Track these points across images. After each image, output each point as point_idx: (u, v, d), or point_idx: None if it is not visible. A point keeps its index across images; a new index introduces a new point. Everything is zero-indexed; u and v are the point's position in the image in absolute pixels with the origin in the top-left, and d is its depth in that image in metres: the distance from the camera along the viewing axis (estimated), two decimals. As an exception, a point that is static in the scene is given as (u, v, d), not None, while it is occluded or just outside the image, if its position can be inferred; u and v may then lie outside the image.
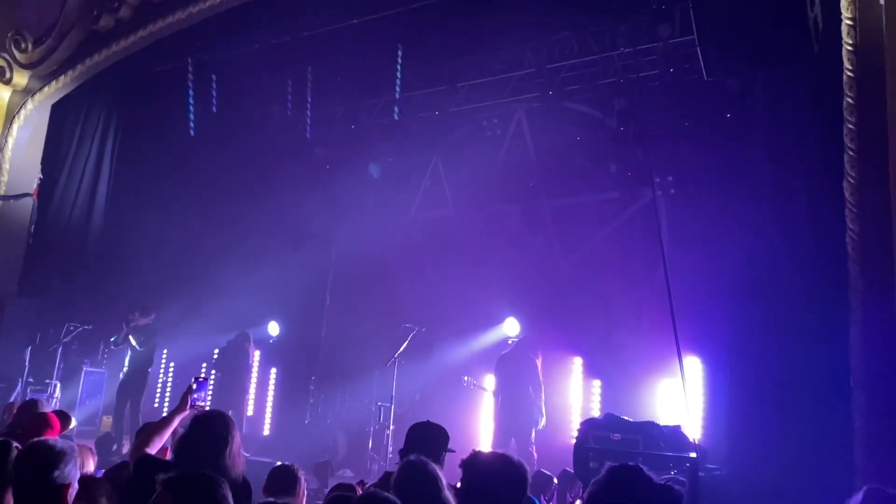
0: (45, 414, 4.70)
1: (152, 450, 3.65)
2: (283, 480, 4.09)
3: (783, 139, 7.16)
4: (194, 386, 3.96)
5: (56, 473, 2.61)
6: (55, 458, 2.64)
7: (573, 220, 10.59)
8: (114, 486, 3.43)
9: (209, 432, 3.34)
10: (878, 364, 5.44)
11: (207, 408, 4.04)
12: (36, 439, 2.90)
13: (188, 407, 3.87)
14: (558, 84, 10.06)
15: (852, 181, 5.93)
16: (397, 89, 10.02)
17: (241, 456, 3.38)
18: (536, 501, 3.94)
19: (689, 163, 9.24)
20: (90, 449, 4.12)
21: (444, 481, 3.00)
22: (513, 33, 9.33)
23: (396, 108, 10.47)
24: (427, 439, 3.90)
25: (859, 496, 2.74)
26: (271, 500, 2.02)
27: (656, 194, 9.24)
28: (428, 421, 4.14)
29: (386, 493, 2.69)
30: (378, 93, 11.32)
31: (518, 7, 8.61)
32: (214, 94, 11.13)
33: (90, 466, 3.92)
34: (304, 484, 4.21)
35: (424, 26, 9.15)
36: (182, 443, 3.41)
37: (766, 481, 5.87)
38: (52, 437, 2.81)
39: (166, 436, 3.75)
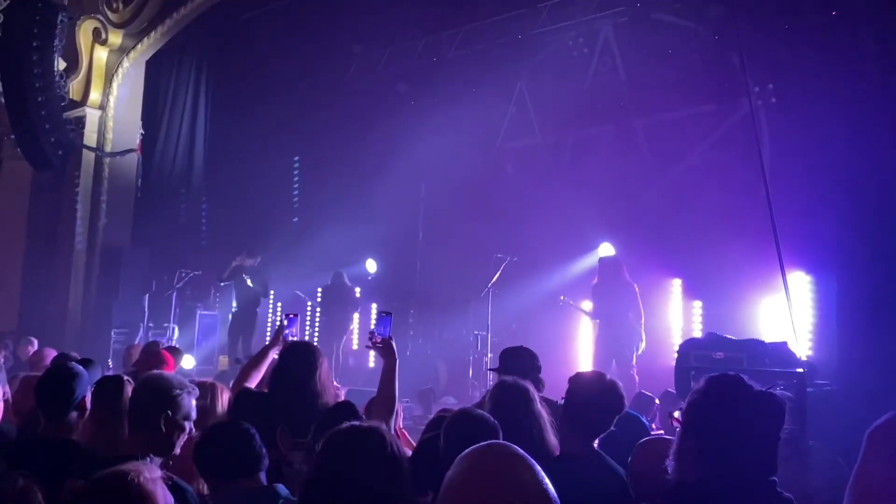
0: (158, 352, 4.99)
1: (251, 383, 3.84)
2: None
3: (893, 36, 6.61)
4: (285, 322, 4.13)
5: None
6: (171, 388, 2.80)
7: (668, 138, 10.18)
8: None
9: (296, 362, 3.49)
10: None
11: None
12: (149, 372, 3.09)
13: (281, 342, 4.02)
14: (646, -5, 9.61)
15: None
16: None
17: (330, 381, 3.53)
18: (641, 418, 3.94)
19: (791, 69, 8.67)
20: (221, 385, 4.35)
21: (538, 396, 3.07)
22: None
23: None
24: (517, 362, 4.01)
25: (883, 418, 2.59)
26: (356, 422, 2.12)
27: (755, 104, 8.75)
28: (519, 346, 4.23)
29: (479, 410, 2.76)
30: (457, 23, 11.13)
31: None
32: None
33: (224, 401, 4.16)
34: (400, 412, 4.38)
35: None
36: (273, 375, 3.60)
37: (878, 394, 5.64)
38: (167, 371, 2.96)
39: (263, 369, 3.91)
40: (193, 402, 2.87)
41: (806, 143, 8.07)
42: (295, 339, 4.11)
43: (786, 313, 6.39)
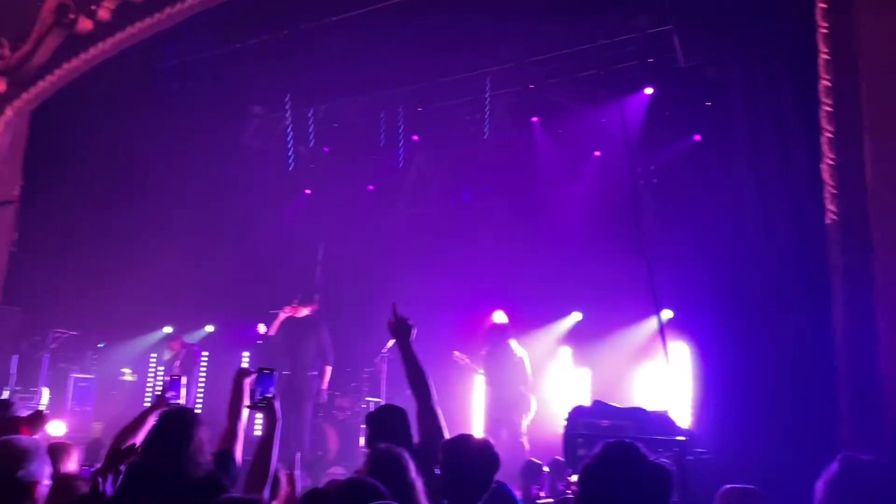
0: (14, 418, 4.61)
1: None
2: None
3: (762, 123, 7.23)
4: (167, 384, 3.98)
5: (21, 472, 2.57)
6: (20, 455, 2.61)
7: (559, 212, 10.60)
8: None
9: (169, 430, 3.34)
10: (860, 344, 5.49)
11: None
12: (2, 437, 2.87)
13: (162, 405, 3.87)
14: (538, 77, 10.09)
15: (831, 163, 5.99)
16: None
17: (204, 452, 3.36)
18: (508, 489, 3.87)
19: (671, 152, 9.31)
20: (71, 445, 4.08)
21: (412, 464, 3.05)
22: (491, 28, 9.35)
23: None
24: (388, 424, 3.94)
25: (835, 465, 2.78)
26: (237, 495, 1.99)
27: (638, 184, 9.30)
28: (386, 405, 4.15)
29: (368, 478, 2.72)
30: (360, 91, 11.31)
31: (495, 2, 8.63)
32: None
33: (71, 465, 3.91)
34: (285, 485, 4.21)
35: (404, 22, 9.13)
36: (145, 441, 3.44)
37: (754, 463, 5.92)
38: (19, 436, 2.75)
39: (140, 436, 3.72)
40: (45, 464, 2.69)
41: (685, 221, 8.60)
42: (177, 402, 3.95)
43: (669, 383, 6.68)
